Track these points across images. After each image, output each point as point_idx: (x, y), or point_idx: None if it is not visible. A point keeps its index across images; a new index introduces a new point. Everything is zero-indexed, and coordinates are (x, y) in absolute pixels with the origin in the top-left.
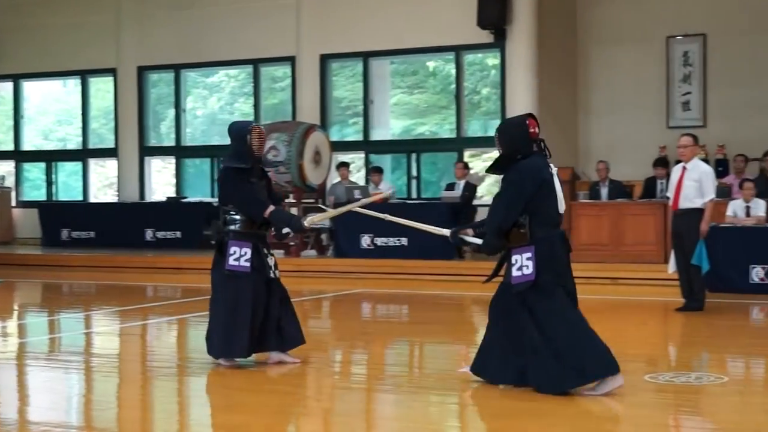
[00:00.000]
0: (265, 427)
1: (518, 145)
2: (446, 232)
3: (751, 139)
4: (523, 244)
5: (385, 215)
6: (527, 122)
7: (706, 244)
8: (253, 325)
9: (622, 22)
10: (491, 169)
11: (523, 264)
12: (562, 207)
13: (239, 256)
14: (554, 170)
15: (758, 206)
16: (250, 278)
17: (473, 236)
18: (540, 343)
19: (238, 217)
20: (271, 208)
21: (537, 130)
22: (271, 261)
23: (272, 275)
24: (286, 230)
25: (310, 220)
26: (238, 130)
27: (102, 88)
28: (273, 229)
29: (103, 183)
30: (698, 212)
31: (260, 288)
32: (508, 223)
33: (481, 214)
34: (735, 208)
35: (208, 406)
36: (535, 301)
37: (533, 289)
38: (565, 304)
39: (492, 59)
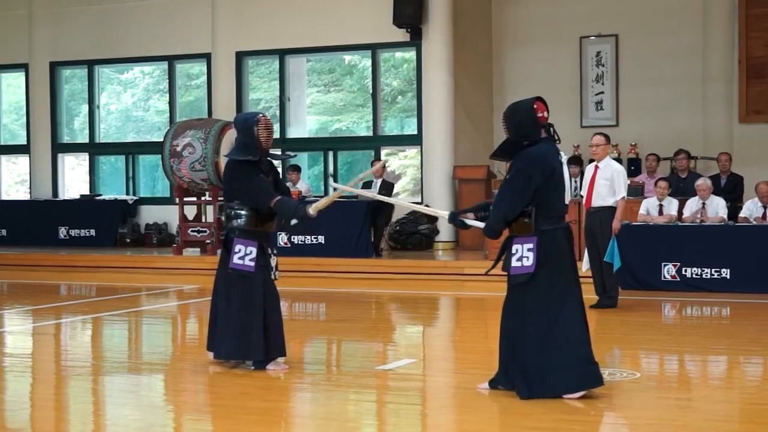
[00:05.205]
0: (179, 427)
1: (526, 130)
2: (444, 214)
3: (662, 139)
4: (525, 233)
5: (388, 197)
6: (535, 106)
7: (618, 242)
8: (268, 325)
9: (536, 23)
10: (496, 155)
11: (523, 255)
12: (568, 198)
13: (244, 254)
14: (564, 158)
15: (671, 205)
16: (259, 278)
17: (474, 219)
18: (518, 338)
19: (243, 212)
20: (278, 197)
21: (546, 114)
22: (273, 262)
23: (273, 276)
24: (293, 221)
25: (315, 207)
26: (244, 121)
27: (13, 84)
28: (279, 220)
29: (15, 180)
30: (610, 210)
31: (270, 287)
32: (514, 213)
33: (399, 212)
34: (648, 206)
35: (123, 406)
36: (526, 293)
37: (529, 282)
38: (552, 302)
39: (408, 57)
